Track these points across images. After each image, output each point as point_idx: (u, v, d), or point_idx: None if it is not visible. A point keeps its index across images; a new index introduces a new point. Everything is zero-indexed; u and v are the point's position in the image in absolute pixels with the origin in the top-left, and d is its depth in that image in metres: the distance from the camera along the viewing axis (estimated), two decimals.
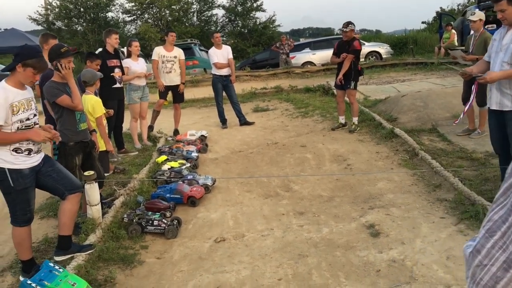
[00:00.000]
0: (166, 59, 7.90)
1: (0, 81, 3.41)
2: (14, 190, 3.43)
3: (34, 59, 3.36)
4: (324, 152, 6.53)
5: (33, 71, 3.37)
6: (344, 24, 7.44)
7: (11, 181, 3.40)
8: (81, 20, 29.38)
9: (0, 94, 3.27)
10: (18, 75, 3.37)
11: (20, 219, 3.53)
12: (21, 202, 3.49)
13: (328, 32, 53.49)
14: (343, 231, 4.13)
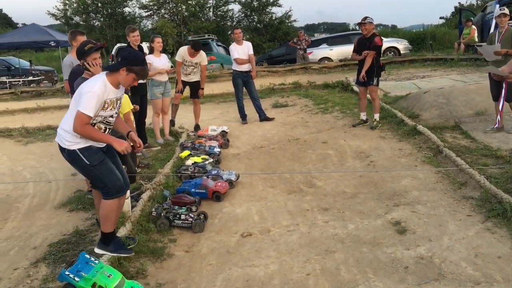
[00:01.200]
0: (188, 64, 8.00)
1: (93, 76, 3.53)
2: (92, 167, 3.49)
3: (139, 67, 3.48)
4: (346, 149, 6.54)
5: (135, 77, 3.48)
6: (363, 18, 7.42)
7: (85, 159, 3.48)
8: (99, 15, 29.68)
9: (100, 87, 3.37)
10: (119, 76, 3.46)
11: (113, 190, 3.53)
12: (105, 174, 3.52)
13: (343, 27, 53.24)
14: (369, 228, 4.16)
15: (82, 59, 4.18)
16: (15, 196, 5.83)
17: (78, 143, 3.48)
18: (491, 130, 6.42)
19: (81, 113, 3.32)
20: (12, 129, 9.66)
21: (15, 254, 4.23)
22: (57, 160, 7.42)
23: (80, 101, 3.34)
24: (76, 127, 3.37)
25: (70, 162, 3.62)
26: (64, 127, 3.54)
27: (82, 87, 3.45)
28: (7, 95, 15.29)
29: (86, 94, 3.34)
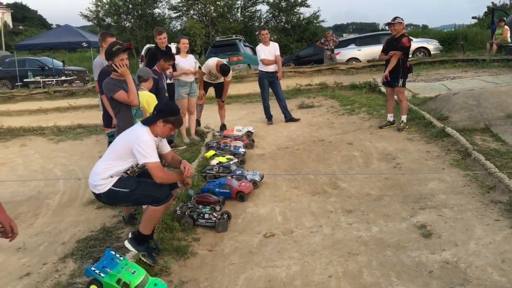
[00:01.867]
0: (213, 75, 8.14)
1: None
2: (133, 191, 3.59)
3: (175, 117, 3.63)
4: (372, 150, 6.48)
5: (171, 127, 3.65)
6: (392, 19, 7.33)
7: (123, 190, 3.59)
8: (129, 17, 30.20)
9: (150, 138, 3.55)
10: (157, 128, 3.62)
11: (162, 197, 3.62)
12: (149, 189, 3.61)
13: (372, 28, 52.57)
14: (394, 231, 4.11)
15: (110, 60, 4.29)
16: (46, 193, 6.01)
17: (109, 182, 3.58)
18: None
19: (151, 163, 3.48)
20: (44, 128, 9.96)
21: (45, 249, 4.37)
22: (86, 158, 7.63)
23: (141, 155, 3.47)
24: (158, 177, 3.52)
25: (112, 202, 3.76)
26: (95, 173, 3.65)
27: (127, 141, 3.58)
28: (40, 94, 15.77)
29: (140, 146, 3.47)
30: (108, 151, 3.72)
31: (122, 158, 3.59)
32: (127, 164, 3.60)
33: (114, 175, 3.59)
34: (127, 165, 3.61)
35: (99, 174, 3.60)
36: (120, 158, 3.59)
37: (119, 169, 3.60)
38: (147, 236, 3.74)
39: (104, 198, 3.69)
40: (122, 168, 3.61)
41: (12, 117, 11.91)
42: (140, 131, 3.58)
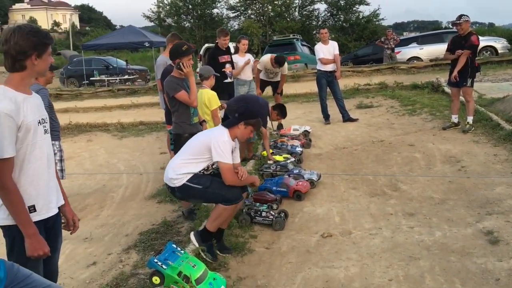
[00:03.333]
0: (270, 71, 8.17)
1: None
2: (206, 188, 3.69)
3: (255, 120, 3.74)
4: (435, 152, 6.25)
5: (252, 129, 3.76)
6: (457, 17, 7.03)
7: (197, 186, 3.69)
8: (189, 17, 30.95)
9: (229, 140, 3.67)
10: (238, 131, 3.76)
11: (232, 198, 3.69)
12: (220, 188, 3.70)
13: (435, 26, 50.78)
14: (458, 236, 3.94)
15: (177, 58, 4.41)
16: (111, 186, 6.29)
17: (184, 177, 3.68)
18: None
19: (224, 163, 3.61)
20: (109, 124, 10.42)
21: (109, 240, 4.57)
22: (147, 154, 7.90)
23: (217, 153, 3.59)
24: (228, 179, 3.65)
25: (185, 197, 3.84)
26: (172, 168, 3.76)
27: (206, 139, 3.69)
28: (105, 92, 16.51)
29: (218, 144, 3.58)
30: (185, 147, 3.84)
31: (199, 154, 3.69)
32: (203, 162, 3.70)
33: (189, 172, 3.69)
34: (203, 163, 3.71)
35: (175, 169, 3.72)
36: (196, 155, 3.69)
37: (195, 167, 3.70)
38: (212, 234, 3.82)
39: (178, 193, 3.80)
40: (199, 166, 3.71)
41: (79, 114, 12.53)
42: (220, 132, 3.71)
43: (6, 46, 2.28)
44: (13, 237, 2.34)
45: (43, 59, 2.34)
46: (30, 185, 2.34)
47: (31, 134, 2.32)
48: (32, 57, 2.29)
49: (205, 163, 3.72)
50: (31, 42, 2.27)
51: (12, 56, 2.28)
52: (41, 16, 70.53)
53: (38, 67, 2.34)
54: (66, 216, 2.65)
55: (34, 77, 2.49)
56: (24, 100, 2.31)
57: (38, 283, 2.06)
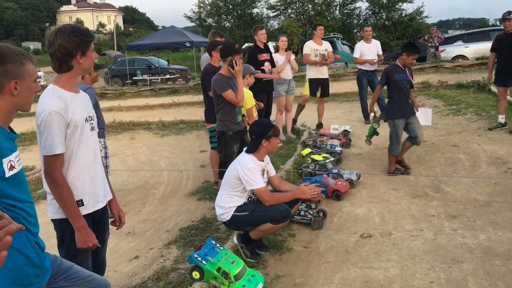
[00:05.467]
0: (319, 53, 8.06)
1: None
2: (252, 212, 3.71)
3: (272, 130, 3.80)
4: (480, 153, 6.06)
5: (275, 139, 3.82)
6: (506, 13, 6.77)
7: (243, 213, 3.73)
8: (229, 17, 31.19)
9: (254, 165, 3.74)
10: (264, 149, 3.82)
11: (280, 217, 3.70)
12: (266, 209, 3.71)
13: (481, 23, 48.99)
14: (503, 239, 3.82)
15: (229, 56, 4.54)
16: (152, 183, 6.44)
17: (231, 210, 3.76)
18: None
19: (257, 189, 3.69)
20: (151, 122, 10.66)
21: (151, 235, 4.70)
22: (188, 152, 8.04)
23: (247, 182, 3.67)
24: (266, 201, 3.71)
25: (239, 226, 3.87)
26: (218, 205, 3.85)
27: (235, 170, 3.73)
28: (147, 92, 16.90)
29: (246, 173, 3.66)
30: (224, 180, 3.91)
31: (236, 187, 3.76)
32: (244, 193, 3.77)
33: (235, 205, 3.77)
34: (244, 193, 3.78)
35: (221, 204, 3.81)
36: (234, 188, 3.76)
37: (237, 200, 3.78)
38: (255, 240, 3.87)
39: (231, 225, 3.87)
40: (241, 199, 3.79)
41: (122, 112, 12.89)
42: (244, 159, 3.76)
43: (51, 49, 2.37)
44: (63, 230, 2.45)
45: (88, 56, 2.43)
46: (78, 180, 2.44)
47: (79, 131, 2.41)
48: (77, 57, 2.38)
49: (245, 193, 3.78)
50: (74, 42, 2.35)
51: (58, 58, 2.37)
52: (87, 17, 72.91)
53: (83, 65, 2.43)
54: (112, 211, 2.74)
55: (80, 75, 2.58)
56: (72, 98, 2.41)
57: (80, 274, 2.16)
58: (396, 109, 5.63)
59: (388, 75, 5.64)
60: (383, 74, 5.75)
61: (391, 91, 5.70)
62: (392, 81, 5.62)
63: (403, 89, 5.62)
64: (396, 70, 5.65)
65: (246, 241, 3.87)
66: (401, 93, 5.61)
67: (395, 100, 5.65)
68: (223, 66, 4.75)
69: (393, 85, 5.64)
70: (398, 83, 5.60)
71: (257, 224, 3.71)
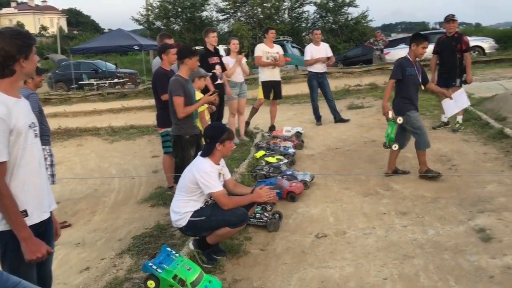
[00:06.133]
0: (270, 55, 8.10)
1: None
2: (209, 217, 3.66)
3: (226, 133, 3.77)
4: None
5: (229, 142, 3.78)
6: (450, 15, 7.11)
7: (200, 218, 3.68)
8: (178, 20, 30.86)
9: (211, 168, 3.70)
10: (219, 153, 3.77)
11: (237, 220, 3.68)
12: (223, 213, 3.67)
13: (422, 27, 51.21)
14: (451, 234, 3.98)
15: (187, 57, 4.64)
16: (103, 191, 6.24)
17: (185, 216, 3.70)
18: None
19: (215, 193, 3.65)
20: (99, 128, 10.35)
21: (102, 245, 4.54)
22: (139, 157, 7.87)
23: (205, 186, 3.62)
24: (224, 204, 3.66)
25: (195, 232, 3.81)
26: (173, 211, 3.79)
27: (192, 174, 3.68)
28: (95, 96, 16.41)
29: (203, 177, 3.62)
30: (179, 185, 3.84)
31: (193, 192, 3.71)
32: (201, 197, 3.74)
33: (191, 210, 3.71)
34: (201, 198, 3.75)
35: (176, 210, 3.74)
36: (191, 193, 3.71)
37: (194, 205, 3.73)
38: (211, 245, 3.83)
39: (188, 231, 3.81)
40: (197, 203, 3.75)
41: (68, 118, 12.44)
42: (201, 163, 3.72)
43: None
44: (6, 242, 2.32)
45: (30, 60, 2.34)
46: (21, 189, 2.31)
47: (22, 138, 2.30)
48: (20, 61, 2.29)
49: (202, 197, 3.75)
50: (17, 45, 2.27)
51: (0, 62, 2.26)
52: (28, 20, 69.89)
53: (26, 68, 2.34)
54: None
55: (23, 80, 2.48)
56: (15, 104, 2.29)
57: None
58: (408, 103, 5.34)
59: (403, 68, 5.33)
60: (397, 67, 5.39)
61: (401, 86, 5.39)
62: (405, 74, 5.30)
63: (415, 85, 5.38)
64: (409, 64, 5.35)
65: (203, 246, 3.82)
66: (412, 89, 5.36)
67: (405, 96, 5.36)
68: (181, 67, 4.71)
69: (405, 80, 5.33)
70: (410, 77, 5.32)
71: (215, 229, 3.68)
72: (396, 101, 5.46)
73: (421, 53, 5.33)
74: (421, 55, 5.37)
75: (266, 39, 8.26)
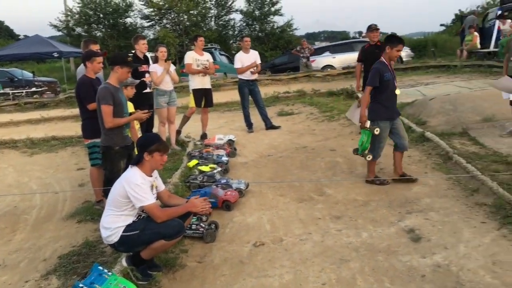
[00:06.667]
0: (200, 63, 8.00)
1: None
2: (142, 231, 3.50)
3: (156, 144, 3.57)
4: (355, 156, 6.46)
5: (160, 154, 3.57)
6: (373, 25, 7.40)
7: (133, 232, 3.50)
8: (101, 26, 29.79)
9: (141, 180, 3.51)
10: (147, 163, 3.57)
11: (173, 232, 3.54)
12: (157, 226, 3.52)
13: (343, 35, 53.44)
14: (383, 236, 4.11)
15: (118, 65, 4.47)
16: (23, 208, 5.80)
17: (117, 231, 3.52)
18: (507, 134, 6.36)
19: (147, 206, 3.48)
20: (17, 140, 9.65)
21: (25, 266, 4.20)
22: (62, 170, 7.42)
23: (136, 199, 3.45)
24: (158, 218, 3.50)
25: (128, 248, 3.62)
26: (104, 227, 3.60)
27: (122, 187, 3.50)
28: (11, 107, 15.34)
29: (133, 189, 3.45)
30: (109, 199, 3.64)
31: (123, 206, 3.53)
32: (132, 210, 3.57)
33: (123, 225, 3.54)
34: (133, 212, 3.58)
35: (107, 225, 3.54)
36: (121, 207, 3.53)
37: (125, 219, 3.56)
38: (146, 260, 3.65)
39: (120, 247, 3.60)
40: (129, 218, 3.57)
41: None
42: (131, 175, 3.55)
43: None
44: None
45: None
46: None
47: None
48: None
49: (134, 211, 3.59)
50: None
51: None
52: None
53: None
54: None
55: None
56: None
57: None
58: (383, 111, 5.21)
59: (381, 74, 5.16)
60: (374, 73, 5.19)
61: (378, 92, 5.21)
62: (383, 80, 5.15)
63: (391, 90, 5.24)
64: (385, 69, 5.20)
65: (136, 262, 3.64)
66: (389, 94, 5.22)
67: (382, 102, 5.20)
68: (111, 74, 4.50)
69: (382, 85, 5.16)
70: (388, 82, 5.18)
71: (149, 243, 3.52)
72: (372, 106, 5.30)
73: (396, 56, 5.26)
74: (395, 58, 5.30)
75: (195, 46, 8.17)
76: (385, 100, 5.21)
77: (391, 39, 5.30)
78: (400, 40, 5.26)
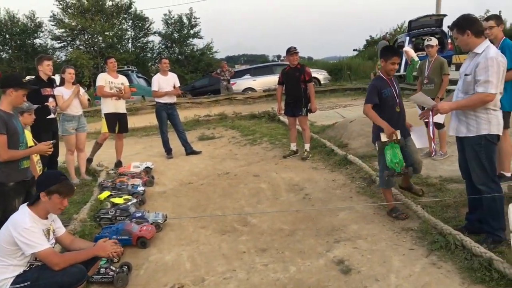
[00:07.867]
0: (114, 86, 7.46)
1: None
2: (35, 282, 3.04)
3: (58, 184, 3.11)
4: (279, 182, 6.28)
5: (59, 197, 3.12)
6: (292, 48, 7.35)
7: (24, 284, 3.03)
8: (6, 47, 27.80)
9: (32, 223, 3.06)
10: (43, 205, 3.12)
11: (74, 280, 3.11)
12: (53, 275, 3.07)
13: (262, 59, 54.56)
14: (312, 269, 3.85)
15: (11, 87, 3.93)
16: None
17: (6, 284, 3.01)
18: (424, 156, 6.43)
19: (40, 253, 3.02)
20: None
21: None
22: None
23: (26, 245, 2.99)
24: (54, 265, 3.07)
25: None
26: None
27: (8, 232, 3.02)
28: None
29: (21, 235, 2.98)
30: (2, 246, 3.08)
31: (11, 254, 3.03)
32: (22, 259, 3.07)
33: (12, 276, 3.01)
34: (23, 260, 3.08)
35: None
36: (9, 256, 3.02)
37: (14, 269, 3.06)
38: None
39: None
40: (18, 267, 3.07)
41: None
42: (19, 218, 3.06)
43: None
44: None
45: None
46: None
47: None
48: None
49: (25, 259, 3.08)
50: None
51: None
52: None
53: None
54: None
55: None
56: None
57: None
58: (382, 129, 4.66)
59: (378, 90, 4.66)
60: (370, 90, 4.72)
61: (378, 109, 4.67)
62: (382, 97, 4.65)
63: (393, 106, 4.71)
64: (384, 85, 4.69)
65: None
66: (388, 111, 4.67)
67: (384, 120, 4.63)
68: (2, 99, 3.89)
69: (382, 103, 4.66)
70: (388, 99, 4.68)
71: None
72: (375, 125, 4.81)
73: (391, 69, 4.68)
74: (392, 71, 4.71)
75: (108, 69, 7.63)
76: (386, 119, 4.64)
77: (384, 52, 4.81)
78: (394, 52, 4.80)
